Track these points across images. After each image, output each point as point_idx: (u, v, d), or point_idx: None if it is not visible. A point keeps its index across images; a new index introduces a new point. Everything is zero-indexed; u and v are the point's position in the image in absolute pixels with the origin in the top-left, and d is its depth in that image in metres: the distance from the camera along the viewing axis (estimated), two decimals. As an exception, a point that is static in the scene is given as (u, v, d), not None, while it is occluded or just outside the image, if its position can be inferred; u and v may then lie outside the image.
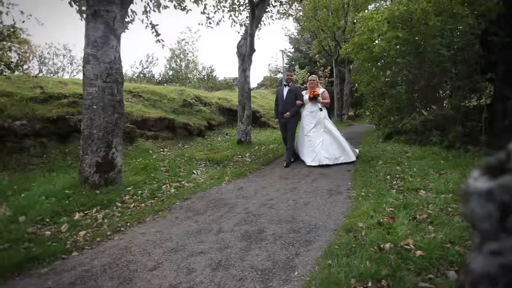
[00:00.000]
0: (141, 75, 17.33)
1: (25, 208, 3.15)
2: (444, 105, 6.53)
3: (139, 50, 43.86)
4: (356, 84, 9.38)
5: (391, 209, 2.88)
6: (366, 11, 13.89)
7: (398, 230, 2.32)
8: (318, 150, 5.50)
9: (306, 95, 5.77)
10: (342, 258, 2.05)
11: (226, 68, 57.36)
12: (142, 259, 2.29)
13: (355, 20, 8.26)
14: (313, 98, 5.67)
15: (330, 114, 19.57)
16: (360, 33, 7.90)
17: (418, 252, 1.97)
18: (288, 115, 5.65)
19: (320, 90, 5.82)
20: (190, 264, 2.17)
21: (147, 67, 17.60)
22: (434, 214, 2.59)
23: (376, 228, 2.47)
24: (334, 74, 16.60)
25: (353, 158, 5.62)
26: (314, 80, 5.89)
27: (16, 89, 6.61)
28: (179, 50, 17.91)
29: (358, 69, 8.64)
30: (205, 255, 2.29)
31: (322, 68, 17.56)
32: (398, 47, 6.69)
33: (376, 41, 7.30)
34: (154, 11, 6.14)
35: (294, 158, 5.93)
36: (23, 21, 5.44)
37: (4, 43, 5.26)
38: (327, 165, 5.40)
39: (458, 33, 5.87)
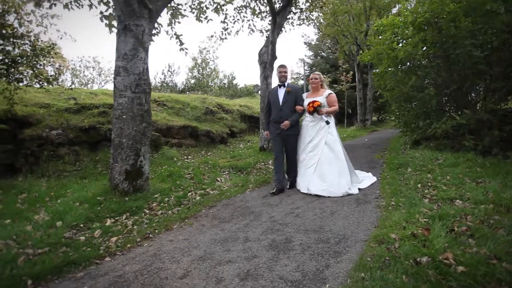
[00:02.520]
0: (164, 84, 17.97)
1: (62, 214, 3.32)
2: (478, 108, 6.17)
3: (161, 59, 45.60)
4: (380, 91, 9.14)
5: (425, 220, 2.73)
6: (389, 14, 13.60)
7: (435, 243, 2.18)
8: (309, 173, 4.22)
9: (306, 100, 4.50)
10: (376, 272, 1.96)
11: (247, 75, 58.18)
12: (172, 266, 2.33)
13: (376, 28, 8.07)
14: (314, 112, 4.33)
15: (353, 119, 19.20)
16: (380, 42, 7.71)
17: (460, 268, 1.84)
18: (288, 124, 4.36)
19: (326, 92, 4.48)
20: (219, 273, 2.17)
21: (169, 76, 18.25)
22: (474, 226, 2.42)
23: (410, 240, 2.35)
24: (356, 79, 16.28)
25: (355, 191, 4.06)
26: (317, 79, 4.55)
27: (53, 100, 7.07)
28: (201, 59, 18.44)
29: (381, 74, 8.41)
30: (233, 264, 2.29)
31: (344, 73, 17.28)
32: (424, 49, 6.46)
33: (399, 46, 7.08)
34: (179, 22, 6.36)
35: (291, 182, 4.58)
36: (61, 38, 5.85)
37: (44, 59, 5.68)
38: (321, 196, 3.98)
39: (491, 33, 5.57)
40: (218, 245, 2.68)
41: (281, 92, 4.50)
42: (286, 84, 4.53)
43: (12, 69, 5.34)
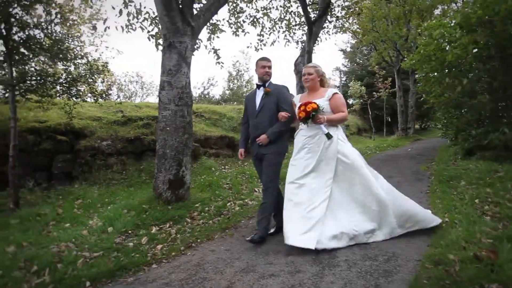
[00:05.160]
0: (202, 95, 18.75)
1: (112, 220, 3.54)
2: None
3: (199, 71, 47.68)
4: (424, 95, 8.59)
5: (489, 240, 2.44)
6: (431, 17, 12.85)
7: (506, 269, 1.94)
8: (317, 216, 2.68)
9: (298, 104, 2.98)
10: (435, 297, 1.79)
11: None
12: (216, 277, 2.35)
13: (419, 31, 7.65)
14: (307, 118, 2.83)
15: (394, 128, 18.15)
16: (426, 43, 7.27)
17: (541, 299, 1.61)
18: (265, 139, 3.03)
19: (328, 92, 2.99)
20: (263, 287, 2.14)
21: (208, 88, 19.02)
22: (554, 251, 2.11)
23: (473, 263, 2.11)
24: (396, 86, 15.52)
25: (395, 232, 2.80)
26: (311, 74, 3.04)
27: (103, 113, 7.70)
28: (235, 71, 19.03)
29: (426, 79, 7.91)
30: (276, 278, 2.24)
31: (381, 80, 16.57)
32: (476, 51, 5.96)
33: (447, 48, 6.62)
34: (218, 37, 6.63)
35: (278, 225, 3.19)
36: (113, 57, 6.44)
37: (99, 76, 6.29)
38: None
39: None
40: (260, 257, 2.65)
41: (259, 95, 3.20)
42: (266, 84, 3.19)
43: (72, 87, 5.96)
